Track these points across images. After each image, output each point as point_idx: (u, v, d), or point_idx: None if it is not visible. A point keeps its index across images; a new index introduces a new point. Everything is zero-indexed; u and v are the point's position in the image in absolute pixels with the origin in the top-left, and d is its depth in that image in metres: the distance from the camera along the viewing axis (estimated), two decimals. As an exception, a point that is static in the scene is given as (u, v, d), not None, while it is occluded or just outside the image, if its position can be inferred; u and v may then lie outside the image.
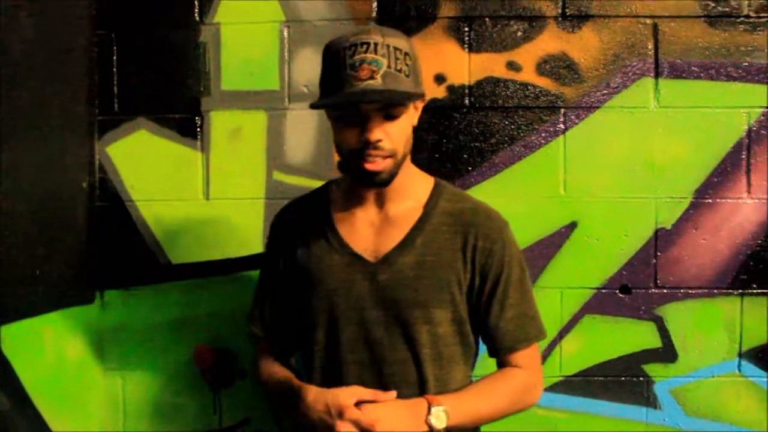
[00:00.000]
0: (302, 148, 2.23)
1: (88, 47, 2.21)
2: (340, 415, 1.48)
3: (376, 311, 1.61)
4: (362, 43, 1.50)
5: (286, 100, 2.21)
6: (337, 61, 1.51)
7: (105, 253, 2.26)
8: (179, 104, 2.24)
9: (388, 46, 1.50)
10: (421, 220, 1.65)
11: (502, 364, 1.69)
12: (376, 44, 1.49)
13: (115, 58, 2.24)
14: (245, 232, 2.08)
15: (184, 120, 2.24)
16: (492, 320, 1.65)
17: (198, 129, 2.24)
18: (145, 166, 2.25)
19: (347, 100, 1.50)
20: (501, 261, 1.64)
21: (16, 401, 1.88)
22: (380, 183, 1.58)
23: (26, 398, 1.92)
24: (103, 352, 2.27)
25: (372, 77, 1.47)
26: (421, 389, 1.60)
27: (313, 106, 1.58)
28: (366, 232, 1.66)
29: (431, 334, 1.61)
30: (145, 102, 2.24)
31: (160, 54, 2.23)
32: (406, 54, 1.52)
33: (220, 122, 2.24)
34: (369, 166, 1.53)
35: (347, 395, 1.51)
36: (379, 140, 1.51)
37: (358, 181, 1.60)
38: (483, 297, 1.65)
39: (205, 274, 2.24)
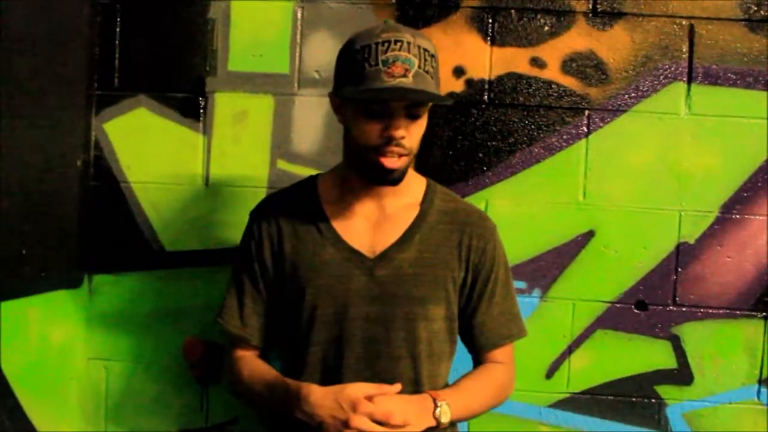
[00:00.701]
0: (309, 136, 2.19)
1: (90, 17, 2.16)
2: (353, 409, 1.50)
3: (374, 307, 1.64)
4: (396, 41, 1.54)
5: (296, 85, 2.16)
6: (368, 55, 1.54)
7: (96, 235, 2.23)
8: (183, 83, 2.20)
9: (419, 47, 1.54)
10: (419, 217, 1.70)
11: (482, 360, 1.76)
12: (409, 43, 1.54)
13: (118, 30, 2.20)
14: (244, 221, 1.95)
15: (187, 100, 2.20)
16: (479, 317, 1.72)
17: (201, 110, 2.20)
18: (143, 146, 2.21)
19: (390, 96, 1.53)
20: (492, 261, 1.73)
21: None
22: (392, 181, 1.61)
23: (6, 385, 1.87)
24: (88, 340, 2.23)
25: (405, 75, 1.52)
26: (415, 386, 1.64)
27: (343, 96, 1.60)
28: (363, 227, 1.69)
29: (428, 330, 1.67)
30: (147, 78, 2.20)
31: (166, 28, 2.19)
32: (432, 56, 1.57)
33: (224, 104, 2.20)
34: (387, 162, 1.57)
35: (357, 389, 1.53)
36: (403, 137, 1.56)
37: (369, 176, 1.62)
38: (473, 294, 1.72)
39: (200, 263, 2.21)
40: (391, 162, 1.57)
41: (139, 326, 2.22)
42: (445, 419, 1.57)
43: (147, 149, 2.20)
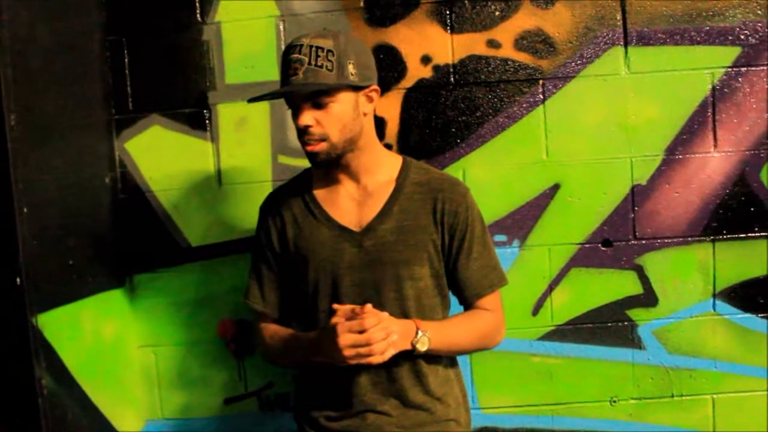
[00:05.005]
0: None
1: (101, 53, 2.32)
2: (337, 333, 1.61)
3: (365, 273, 1.79)
4: (292, 46, 1.71)
5: (286, 89, 2.23)
6: (281, 61, 1.75)
7: (131, 241, 2.37)
8: (188, 99, 2.33)
9: (310, 47, 1.68)
10: (395, 190, 1.83)
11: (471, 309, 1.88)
12: (301, 46, 1.69)
13: (126, 60, 2.33)
14: (255, 213, 2.06)
15: (194, 114, 2.34)
16: (460, 271, 1.83)
17: (207, 121, 2.34)
18: (161, 158, 2.35)
19: (276, 94, 1.72)
20: (465, 220, 1.82)
21: (62, 381, 1.99)
22: (320, 164, 1.76)
23: (71, 378, 2.04)
24: (136, 330, 2.39)
25: (296, 73, 1.68)
26: None
27: (249, 101, 1.82)
28: (348, 206, 1.84)
29: (415, 288, 1.80)
30: (157, 99, 2.34)
31: (168, 54, 2.32)
32: (328, 51, 1.68)
33: (226, 114, 2.34)
34: (308, 148, 1.74)
35: (336, 318, 1.65)
36: (308, 126, 1.71)
37: (308, 161, 1.79)
38: (452, 252, 1.83)
39: (222, 253, 2.36)
40: (311, 147, 1.72)
41: (179, 314, 2.38)
42: (421, 347, 1.68)
43: (164, 160, 2.34)
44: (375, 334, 1.60)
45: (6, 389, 1.89)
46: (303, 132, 1.72)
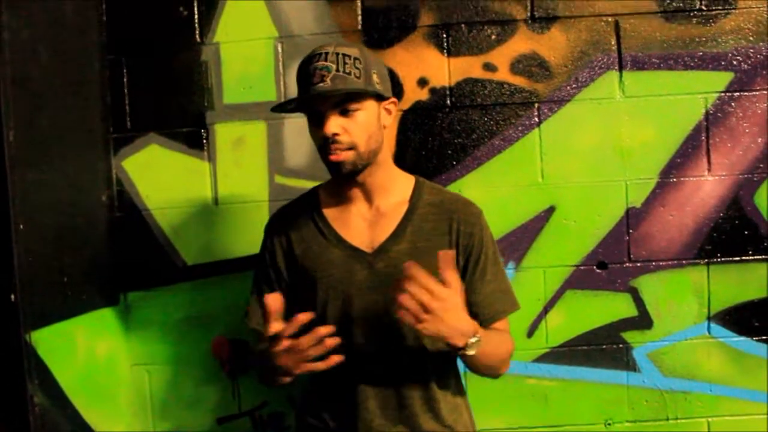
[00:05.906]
0: (300, 152, 2.33)
1: (100, 71, 2.34)
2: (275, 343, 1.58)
3: (377, 295, 1.73)
4: (316, 54, 1.67)
5: (284, 109, 2.21)
6: (301, 72, 1.70)
7: (126, 259, 2.38)
8: (186, 119, 2.35)
9: (337, 54, 1.65)
10: (408, 211, 1.78)
11: None
12: (327, 53, 1.66)
13: (125, 80, 2.35)
14: (252, 232, 2.11)
15: (191, 133, 2.35)
16: (474, 296, 1.77)
17: (204, 141, 2.35)
18: (158, 177, 2.36)
19: (296, 102, 1.69)
20: (480, 242, 1.78)
21: (54, 399, 1.98)
22: (346, 174, 1.71)
23: (63, 396, 2.03)
24: (130, 349, 2.38)
25: (323, 80, 1.63)
26: (420, 358, 1.75)
27: (272, 110, 1.77)
28: (360, 226, 1.78)
29: None
30: (155, 119, 2.35)
31: (166, 74, 2.34)
32: (356, 59, 1.66)
33: (224, 133, 2.35)
34: (332, 158, 1.67)
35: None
36: (336, 134, 1.65)
37: (330, 173, 1.75)
38: (466, 275, 1.78)
39: (218, 272, 2.36)
40: (335, 157, 1.65)
41: (173, 333, 2.37)
42: (470, 351, 1.58)
43: (161, 179, 2.35)
44: (304, 340, 1.56)
45: (-2, 405, 1.88)
46: (329, 141, 1.66)
